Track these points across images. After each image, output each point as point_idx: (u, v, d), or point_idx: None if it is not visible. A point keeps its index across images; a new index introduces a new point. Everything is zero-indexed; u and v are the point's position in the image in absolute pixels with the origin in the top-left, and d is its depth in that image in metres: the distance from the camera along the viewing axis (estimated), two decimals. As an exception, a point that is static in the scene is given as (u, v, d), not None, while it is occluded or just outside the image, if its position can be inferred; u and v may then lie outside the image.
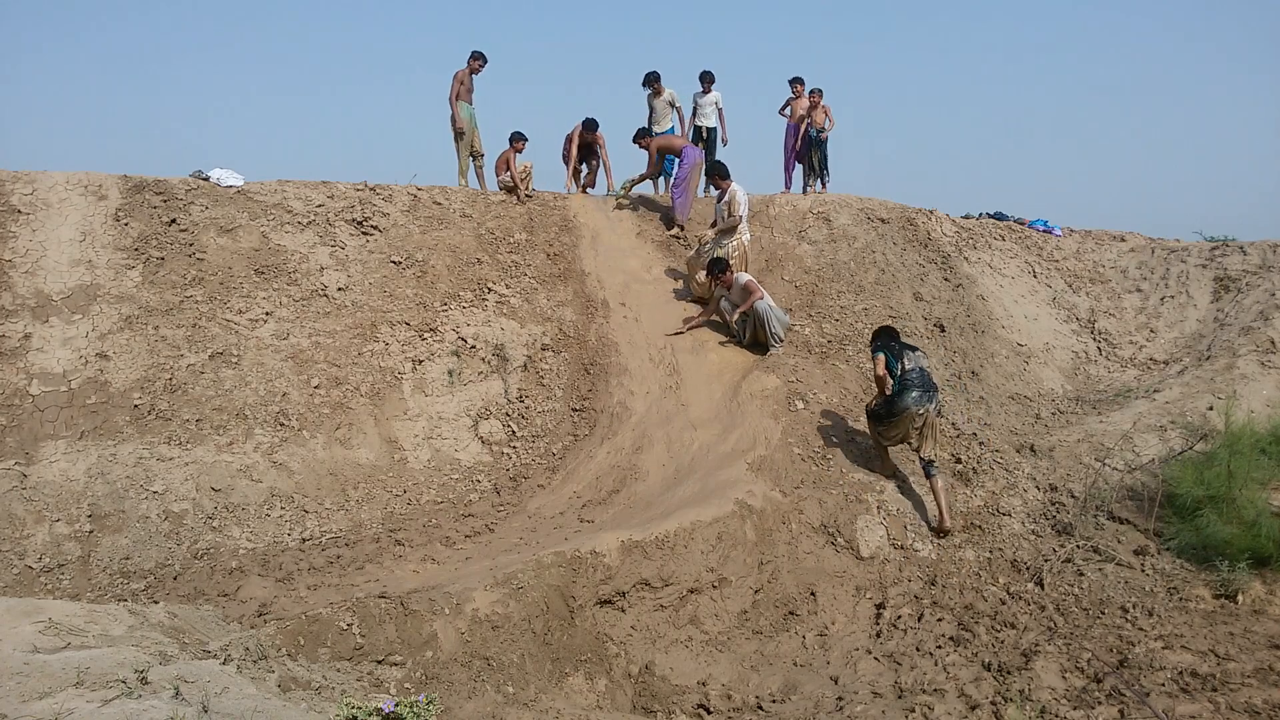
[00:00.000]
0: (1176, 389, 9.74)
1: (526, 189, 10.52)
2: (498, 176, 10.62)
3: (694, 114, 11.54)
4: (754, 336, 8.73)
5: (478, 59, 10.85)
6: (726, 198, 9.26)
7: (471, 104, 10.87)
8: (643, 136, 10.86)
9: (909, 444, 7.03)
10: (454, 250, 9.38)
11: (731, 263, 9.13)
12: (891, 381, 6.98)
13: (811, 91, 11.92)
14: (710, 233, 9.32)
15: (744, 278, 8.61)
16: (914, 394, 6.80)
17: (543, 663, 4.99)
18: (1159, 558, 6.79)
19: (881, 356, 7.05)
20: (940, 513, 6.82)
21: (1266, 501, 6.86)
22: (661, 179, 11.53)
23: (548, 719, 4.31)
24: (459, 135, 10.76)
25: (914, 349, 7.12)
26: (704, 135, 11.53)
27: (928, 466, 6.89)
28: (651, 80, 11.33)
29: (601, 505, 6.96)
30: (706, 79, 11.47)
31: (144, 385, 7.16)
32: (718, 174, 9.46)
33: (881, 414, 7.00)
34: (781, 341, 8.59)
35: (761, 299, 8.51)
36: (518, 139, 10.54)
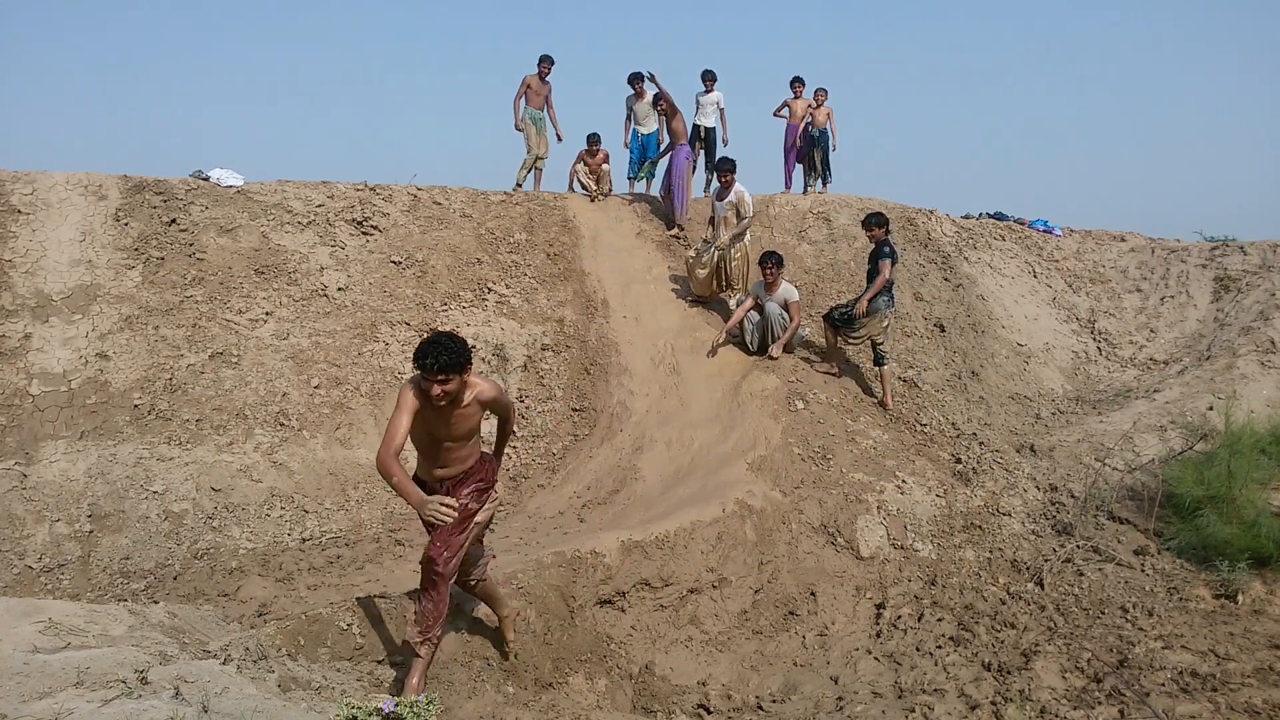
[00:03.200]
0: (1176, 389, 9.74)
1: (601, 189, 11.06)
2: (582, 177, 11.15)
3: (695, 112, 11.48)
4: (763, 342, 8.59)
5: (543, 62, 11.15)
6: (733, 197, 8.97)
7: (540, 108, 11.18)
8: (661, 103, 10.74)
9: (872, 340, 8.17)
10: (454, 250, 9.38)
11: (734, 264, 9.11)
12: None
13: (816, 91, 11.91)
14: (725, 236, 8.95)
15: (795, 293, 8.47)
16: (884, 297, 8.04)
17: (543, 663, 4.99)
18: (1159, 558, 6.79)
19: (888, 262, 8.02)
20: (885, 394, 8.19)
21: (1266, 501, 6.87)
22: (636, 168, 11.55)
23: (548, 719, 4.31)
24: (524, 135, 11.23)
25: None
26: (702, 135, 11.43)
27: (882, 357, 8.17)
28: (635, 81, 11.10)
29: (602, 505, 6.96)
30: (708, 78, 11.29)
31: (144, 385, 7.16)
32: (726, 169, 9.09)
33: (852, 316, 8.09)
34: (791, 352, 8.54)
35: (802, 325, 8.60)
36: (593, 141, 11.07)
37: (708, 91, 11.31)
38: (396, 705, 2.60)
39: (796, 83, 11.98)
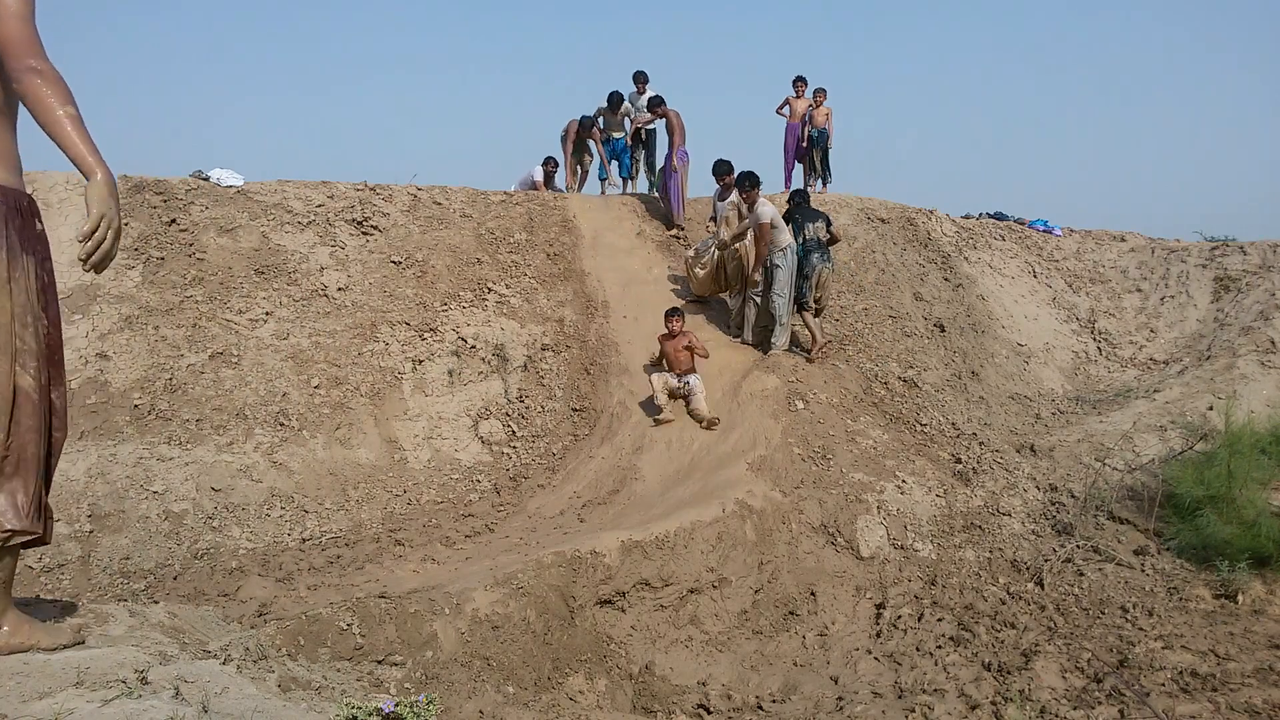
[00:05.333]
0: (1176, 389, 9.75)
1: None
2: None
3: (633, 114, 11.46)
4: (761, 337, 8.63)
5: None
6: (734, 198, 8.97)
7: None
8: (660, 105, 10.73)
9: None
10: (454, 250, 9.38)
11: (734, 265, 9.09)
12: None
13: (815, 92, 11.91)
14: (725, 235, 8.96)
15: (767, 212, 8.34)
16: (815, 255, 8.45)
17: (543, 663, 4.99)
18: (1159, 558, 6.79)
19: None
20: (814, 340, 8.45)
21: (1266, 501, 6.86)
22: (614, 166, 11.62)
23: (548, 719, 4.31)
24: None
25: (816, 218, 8.69)
26: (643, 137, 11.39)
27: (817, 305, 8.53)
28: (615, 103, 11.25)
29: (602, 505, 6.96)
30: (640, 79, 11.21)
31: (144, 385, 7.16)
32: (725, 172, 9.16)
33: (796, 285, 8.45)
34: (783, 325, 8.48)
35: (770, 257, 8.39)
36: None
37: (641, 93, 11.24)
38: (396, 705, 2.60)
39: (799, 82, 11.99)
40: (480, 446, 8.10)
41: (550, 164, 11.77)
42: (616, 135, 11.44)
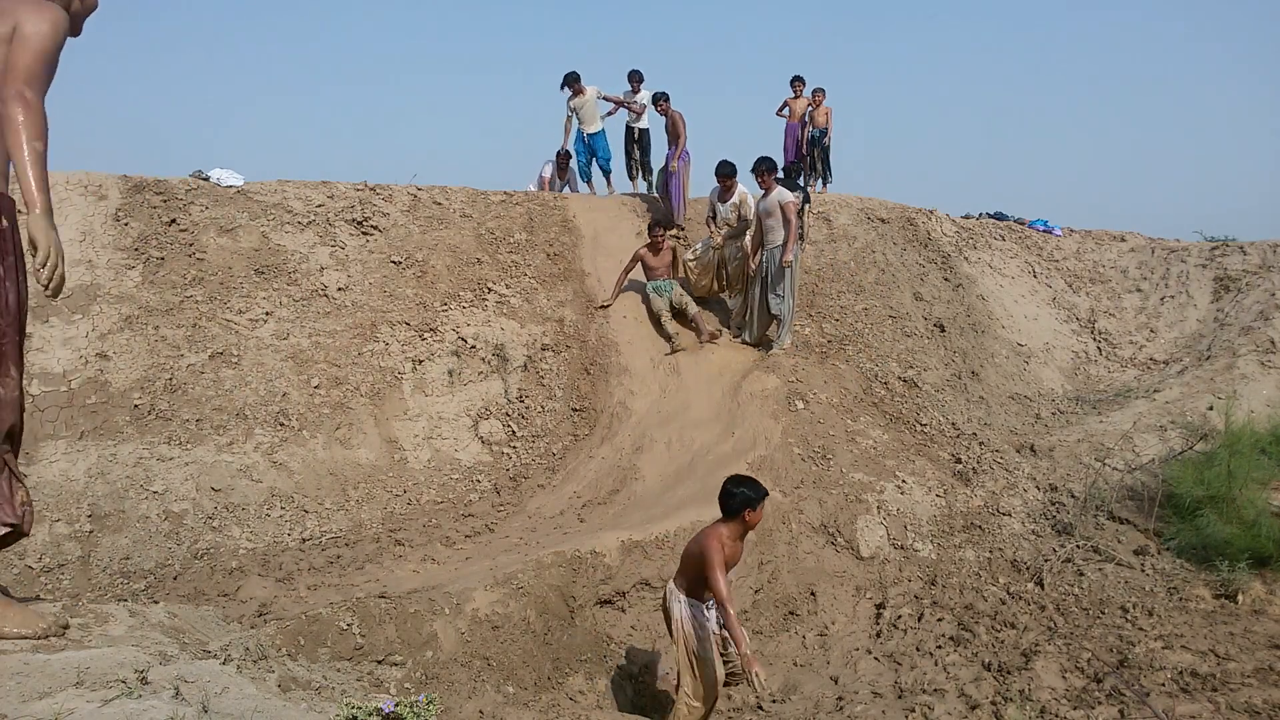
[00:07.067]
0: (1176, 389, 9.75)
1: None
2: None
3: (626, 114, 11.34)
4: (760, 334, 8.64)
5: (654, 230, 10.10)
6: (735, 199, 9.04)
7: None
8: (665, 99, 10.53)
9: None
10: (454, 250, 9.38)
11: (733, 265, 9.09)
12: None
13: (814, 91, 11.91)
14: (719, 238, 9.02)
15: (788, 194, 8.31)
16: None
17: (543, 663, 4.99)
18: (1159, 558, 6.79)
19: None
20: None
21: (1266, 501, 6.86)
22: (593, 166, 11.50)
23: (548, 719, 4.31)
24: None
25: None
26: (636, 136, 11.30)
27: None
28: (572, 82, 10.89)
29: (601, 505, 6.96)
30: (635, 78, 11.07)
31: (144, 385, 7.16)
32: (727, 174, 9.08)
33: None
34: (788, 324, 8.48)
35: (776, 254, 8.34)
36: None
37: (635, 93, 11.12)
38: (396, 705, 2.59)
39: (797, 82, 11.97)
40: (480, 446, 8.10)
41: (563, 156, 11.72)
42: (592, 131, 11.15)
